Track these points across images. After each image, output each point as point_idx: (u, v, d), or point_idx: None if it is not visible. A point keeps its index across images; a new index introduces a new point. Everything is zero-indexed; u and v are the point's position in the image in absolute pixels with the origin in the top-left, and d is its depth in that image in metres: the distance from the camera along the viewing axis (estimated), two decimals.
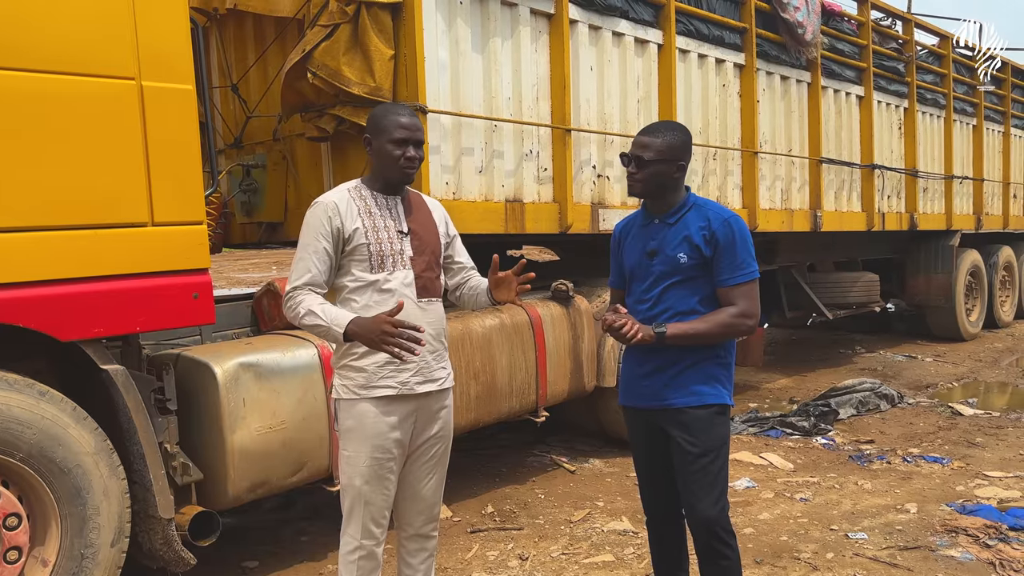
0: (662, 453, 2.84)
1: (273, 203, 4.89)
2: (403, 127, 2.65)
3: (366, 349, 2.62)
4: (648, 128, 2.83)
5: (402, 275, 2.68)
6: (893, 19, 8.87)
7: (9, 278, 2.79)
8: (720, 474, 2.77)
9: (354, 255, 2.65)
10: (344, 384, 2.68)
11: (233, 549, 4.10)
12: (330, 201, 2.66)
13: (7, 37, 2.77)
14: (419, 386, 2.70)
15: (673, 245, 2.75)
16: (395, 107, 2.77)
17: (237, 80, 5.13)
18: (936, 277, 9.81)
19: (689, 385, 2.75)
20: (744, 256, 2.73)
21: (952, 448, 5.69)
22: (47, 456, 2.87)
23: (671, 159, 2.74)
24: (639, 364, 2.84)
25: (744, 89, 6.58)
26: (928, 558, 3.84)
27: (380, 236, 2.67)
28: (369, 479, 2.66)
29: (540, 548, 4.08)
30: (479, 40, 4.61)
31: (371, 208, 2.69)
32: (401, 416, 2.69)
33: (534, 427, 5.15)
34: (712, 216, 2.75)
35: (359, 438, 2.65)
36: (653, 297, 2.78)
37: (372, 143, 2.71)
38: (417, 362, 2.68)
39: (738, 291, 2.72)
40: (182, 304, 3.22)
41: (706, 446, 2.74)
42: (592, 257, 6.27)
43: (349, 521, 2.71)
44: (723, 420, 2.80)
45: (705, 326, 2.70)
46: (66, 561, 2.94)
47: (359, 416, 2.65)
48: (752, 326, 2.76)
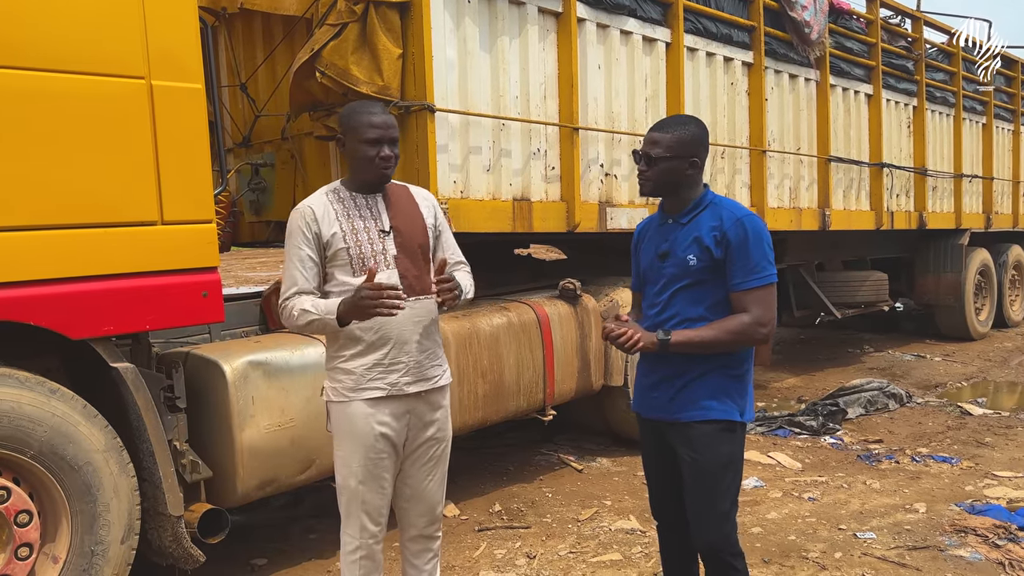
0: (671, 463, 2.72)
1: (281, 202, 4.91)
2: (375, 126, 2.59)
3: (355, 351, 2.61)
4: (659, 123, 2.68)
5: (385, 275, 2.62)
6: (902, 17, 8.83)
7: (20, 276, 2.81)
8: (724, 495, 2.60)
9: (335, 260, 2.62)
10: (334, 386, 2.67)
11: (242, 546, 4.12)
12: (306, 208, 2.63)
13: (18, 37, 2.78)
14: (409, 386, 2.67)
15: (684, 246, 2.60)
16: (366, 105, 2.70)
17: (246, 79, 5.15)
18: (945, 276, 9.77)
19: (696, 399, 2.59)
20: (759, 259, 2.53)
21: (961, 448, 5.67)
22: (58, 453, 2.89)
23: (682, 155, 2.59)
24: (648, 373, 2.72)
25: (752, 87, 6.56)
26: (937, 558, 3.82)
27: (360, 238, 2.63)
28: (363, 479, 2.65)
29: (548, 546, 4.08)
30: (487, 39, 4.61)
31: (349, 210, 2.64)
32: (392, 416, 2.66)
33: (541, 426, 5.16)
34: (725, 215, 2.58)
35: (350, 439, 2.64)
36: (662, 301, 2.65)
37: (345, 143, 2.66)
38: (406, 363, 2.65)
39: (751, 296, 2.53)
40: (191, 302, 3.23)
41: (709, 465, 2.59)
42: (599, 256, 6.27)
43: (347, 521, 2.71)
44: (730, 437, 2.61)
45: (713, 333, 2.53)
46: (76, 558, 2.95)
47: (349, 418, 2.64)
48: (766, 335, 2.56)
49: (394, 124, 2.66)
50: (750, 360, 2.69)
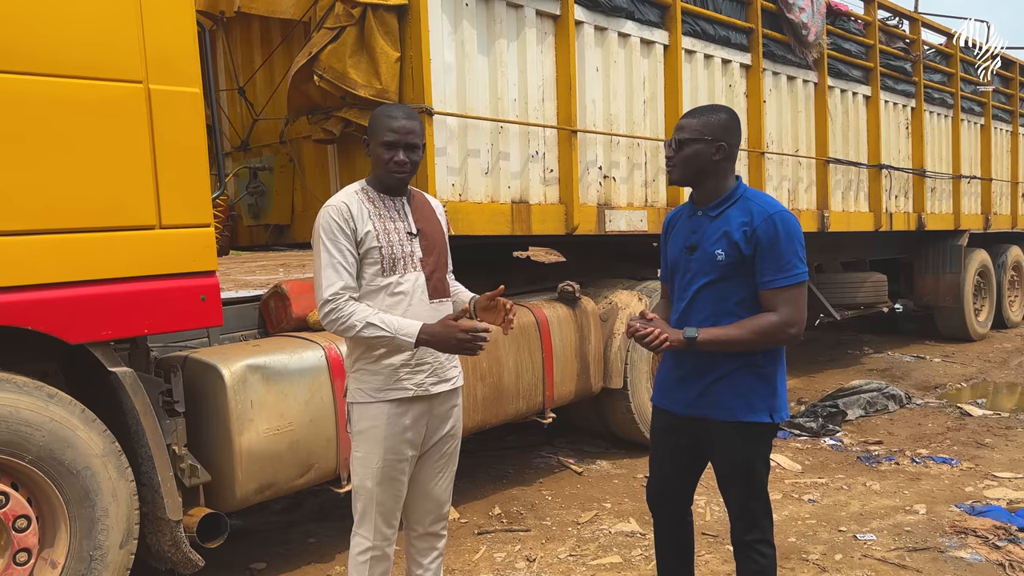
0: (686, 454, 2.73)
1: (280, 205, 4.91)
2: (392, 130, 2.61)
3: (383, 352, 2.63)
4: (689, 111, 2.64)
5: (413, 277, 2.66)
6: (900, 18, 8.84)
7: (17, 281, 2.81)
8: (754, 498, 2.60)
9: (367, 258, 2.62)
10: (360, 387, 2.68)
11: (241, 551, 4.11)
12: (342, 204, 2.62)
13: (16, 42, 2.78)
14: (434, 386, 2.72)
15: (712, 240, 2.55)
16: (392, 108, 2.71)
17: (244, 83, 5.15)
18: (944, 277, 9.77)
19: (721, 398, 2.56)
20: (789, 257, 2.48)
21: (961, 449, 5.67)
22: (56, 458, 2.88)
23: (709, 139, 2.53)
24: (675, 367, 2.69)
25: (750, 89, 6.57)
26: (937, 559, 3.82)
27: (391, 239, 2.64)
28: (381, 480, 2.67)
29: (547, 550, 4.07)
30: (485, 42, 4.61)
31: (380, 210, 2.66)
32: (415, 417, 2.70)
33: (541, 428, 5.15)
34: (756, 211, 2.51)
35: (373, 440, 2.65)
36: (689, 295, 2.61)
37: (369, 145, 2.68)
38: (432, 363, 2.70)
39: (781, 295, 2.49)
40: (190, 306, 3.22)
41: (734, 466, 2.59)
42: (598, 258, 6.28)
43: (361, 522, 2.71)
44: (756, 438, 2.58)
45: (740, 332, 2.48)
46: (75, 563, 2.95)
47: (375, 418, 2.65)
48: (795, 335, 2.51)
49: (415, 130, 2.65)
50: (781, 359, 2.64)
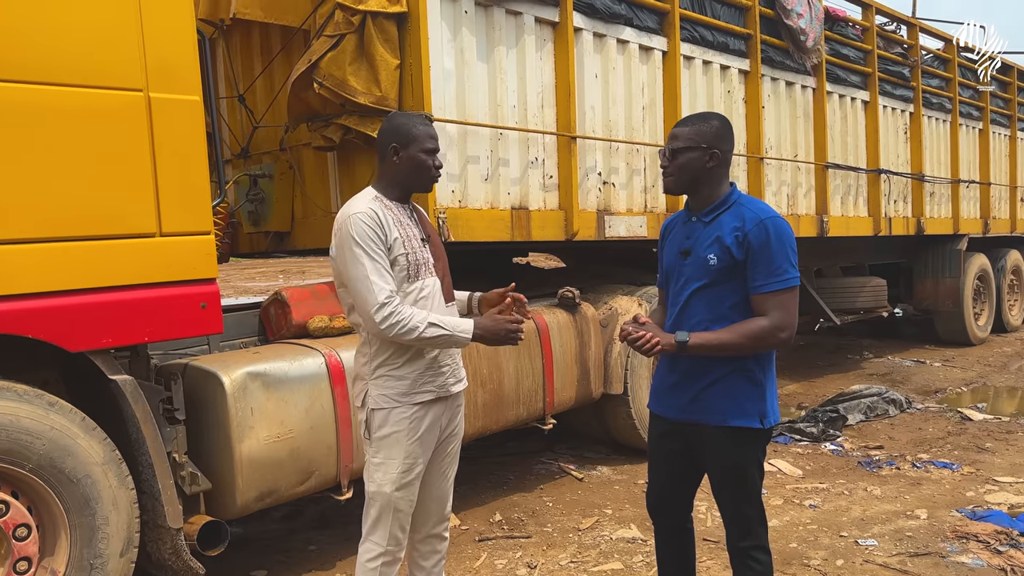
0: (681, 460, 2.74)
1: (280, 213, 4.91)
2: (433, 138, 2.73)
3: (407, 357, 2.66)
4: (681, 120, 2.69)
5: (432, 282, 2.73)
6: (897, 24, 8.86)
7: (18, 289, 2.81)
8: (747, 503, 2.61)
9: (394, 265, 2.63)
10: (383, 393, 2.68)
11: (241, 558, 4.10)
12: (370, 211, 2.60)
13: (16, 51, 2.78)
14: (453, 386, 2.79)
15: (705, 245, 2.58)
16: (417, 117, 2.80)
17: (244, 90, 5.16)
18: (944, 281, 9.78)
19: (713, 403, 2.58)
20: (781, 261, 2.51)
21: (962, 453, 5.66)
22: (56, 467, 2.88)
23: (704, 146, 2.56)
24: (668, 372, 2.71)
25: (749, 95, 6.58)
26: (939, 564, 3.81)
27: (413, 245, 2.68)
28: (401, 485, 2.69)
29: (548, 556, 4.07)
30: (484, 49, 4.62)
31: (399, 218, 2.68)
32: (434, 419, 2.75)
33: (541, 435, 5.15)
34: (748, 216, 2.54)
35: (396, 444, 2.67)
36: (683, 300, 2.63)
37: (400, 152, 2.68)
38: (450, 364, 2.77)
39: (772, 300, 2.50)
40: (190, 314, 3.22)
41: (724, 471, 2.61)
42: (598, 264, 6.28)
43: (375, 528, 2.71)
44: (746, 442, 2.59)
45: (731, 337, 2.51)
46: (75, 571, 2.94)
47: (398, 423, 2.67)
48: (786, 339, 2.53)
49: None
50: (771, 363, 2.66)
